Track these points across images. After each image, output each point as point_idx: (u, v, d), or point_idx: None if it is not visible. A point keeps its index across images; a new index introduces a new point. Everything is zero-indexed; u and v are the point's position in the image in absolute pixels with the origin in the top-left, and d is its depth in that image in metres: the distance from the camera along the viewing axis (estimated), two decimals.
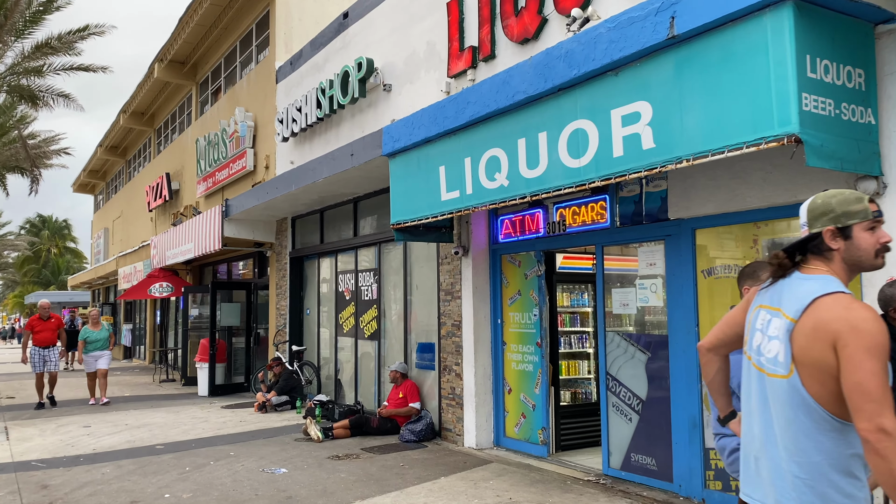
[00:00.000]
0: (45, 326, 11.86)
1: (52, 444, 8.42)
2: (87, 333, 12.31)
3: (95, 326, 12.39)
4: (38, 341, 11.83)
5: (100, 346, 12.31)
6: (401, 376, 8.63)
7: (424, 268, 8.75)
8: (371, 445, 7.86)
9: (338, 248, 10.92)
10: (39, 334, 11.85)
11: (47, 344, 11.89)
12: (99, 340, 12.33)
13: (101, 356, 12.36)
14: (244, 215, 12.27)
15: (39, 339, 11.84)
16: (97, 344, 12.30)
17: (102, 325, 12.47)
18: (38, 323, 11.90)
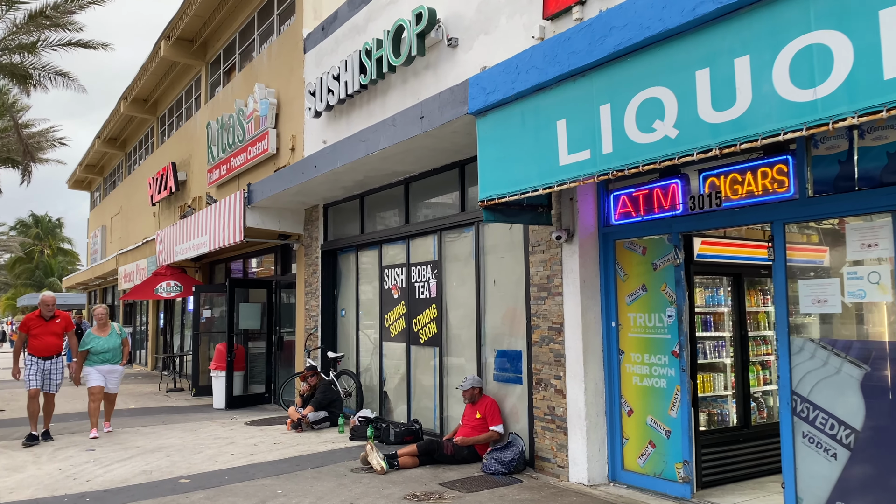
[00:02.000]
0: (46, 329, 8.71)
1: (48, 475, 6.81)
2: (93, 340, 9.09)
3: (103, 330, 9.18)
4: (36, 348, 8.68)
5: (109, 359, 9.16)
6: (478, 392, 7.07)
7: (506, 258, 7.18)
8: (450, 479, 6.28)
9: (383, 238, 9.35)
10: (39, 339, 8.68)
11: (50, 353, 8.73)
12: (108, 351, 9.12)
13: (111, 373, 9.19)
14: (270, 202, 10.69)
15: (39, 346, 8.67)
16: (106, 356, 9.11)
17: (112, 329, 9.27)
18: (37, 324, 8.72)
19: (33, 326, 8.74)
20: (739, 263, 6.25)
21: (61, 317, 8.97)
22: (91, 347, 9.07)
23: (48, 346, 8.76)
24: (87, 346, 9.07)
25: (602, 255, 6.24)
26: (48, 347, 8.77)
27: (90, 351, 9.05)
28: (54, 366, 8.84)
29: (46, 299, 8.89)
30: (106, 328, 9.26)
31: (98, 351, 9.07)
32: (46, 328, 8.76)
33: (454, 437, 7.07)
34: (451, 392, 8.00)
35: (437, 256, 8.25)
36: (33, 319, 8.76)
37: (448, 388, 8.05)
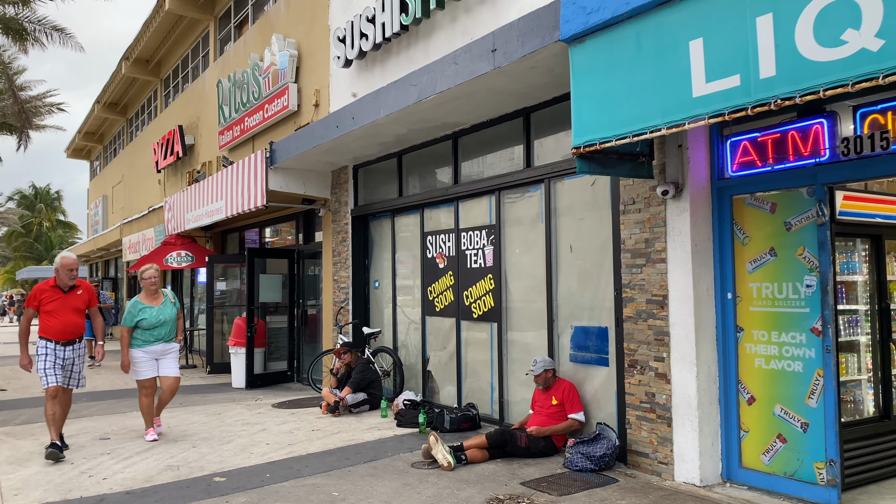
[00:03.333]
0: (65, 303, 6.44)
1: (59, 471, 5.88)
2: (143, 311, 6.96)
3: (154, 298, 7.10)
4: (52, 330, 6.37)
5: (163, 335, 7.06)
6: (552, 375, 6.12)
7: (587, 220, 6.17)
8: (530, 477, 5.36)
9: (426, 201, 8.32)
10: (56, 317, 6.38)
11: (71, 336, 6.46)
12: (162, 325, 7.04)
13: (165, 353, 7.10)
14: (294, 163, 9.64)
15: (56, 327, 6.37)
16: (159, 331, 7.02)
17: (165, 297, 7.24)
18: (52, 296, 6.41)
19: (47, 300, 6.39)
20: (881, 223, 5.25)
21: (83, 287, 6.64)
22: (142, 321, 6.94)
23: (69, 326, 6.43)
24: (136, 319, 6.94)
25: (716, 213, 5.23)
26: (69, 328, 6.43)
27: (138, 326, 6.96)
28: (77, 353, 6.54)
29: (67, 262, 6.47)
30: (158, 296, 7.13)
31: (150, 325, 6.95)
32: (66, 302, 6.44)
33: (525, 427, 6.13)
34: (512, 373, 7.06)
35: (495, 220, 7.24)
36: (47, 291, 6.44)
37: (508, 368, 7.10)
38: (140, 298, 7.09)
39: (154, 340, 7.00)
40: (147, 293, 7.11)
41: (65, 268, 6.49)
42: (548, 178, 6.51)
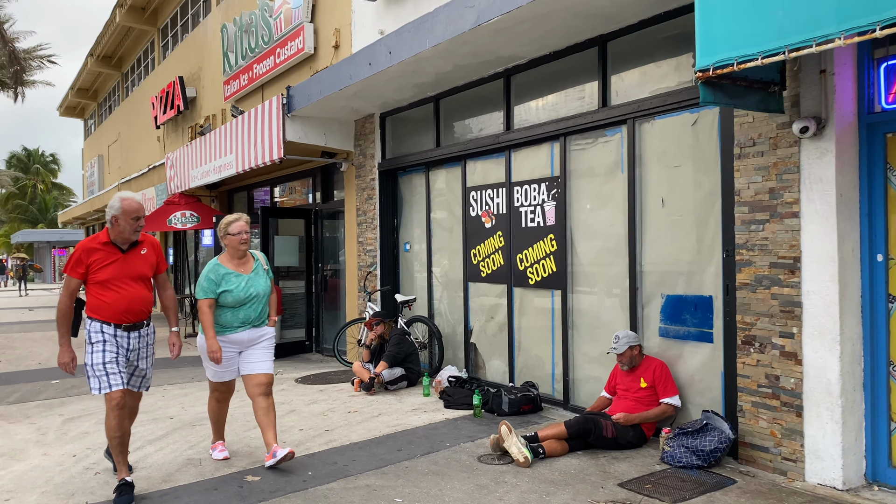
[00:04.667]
0: (126, 267, 4.32)
1: (59, 464, 4.97)
2: (227, 279, 4.74)
3: (242, 263, 4.87)
4: (107, 307, 4.26)
5: (254, 317, 4.83)
6: (638, 353, 5.19)
7: (684, 167, 5.16)
8: (626, 476, 4.45)
9: (469, 151, 7.29)
10: (112, 288, 4.28)
11: (135, 315, 4.36)
12: (253, 300, 4.80)
13: (255, 342, 4.89)
14: (315, 109, 8.58)
15: (113, 303, 4.27)
16: (249, 310, 4.80)
17: (256, 261, 4.97)
18: (105, 257, 4.28)
19: (98, 264, 4.23)
20: None
21: (149, 244, 4.48)
22: (224, 295, 4.68)
23: (134, 302, 4.30)
24: (218, 290, 4.68)
25: (864, 156, 4.23)
26: (134, 305, 4.30)
27: (219, 303, 4.72)
28: (145, 341, 4.45)
29: (130, 205, 4.22)
30: (247, 260, 4.89)
31: (236, 301, 4.69)
32: (126, 266, 4.29)
33: (606, 413, 5.22)
34: (579, 348, 6.13)
35: (559, 171, 6.23)
36: (98, 251, 4.25)
37: (574, 342, 6.17)
38: (222, 261, 4.80)
39: (240, 325, 4.74)
40: (232, 254, 4.83)
41: (127, 215, 4.18)
42: (631, 119, 5.48)
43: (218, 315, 4.77)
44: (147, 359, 4.53)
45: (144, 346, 4.46)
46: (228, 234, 4.83)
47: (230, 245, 4.84)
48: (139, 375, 4.53)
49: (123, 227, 4.25)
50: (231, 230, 4.82)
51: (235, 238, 4.81)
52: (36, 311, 20.60)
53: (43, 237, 46.78)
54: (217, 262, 4.82)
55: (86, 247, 4.27)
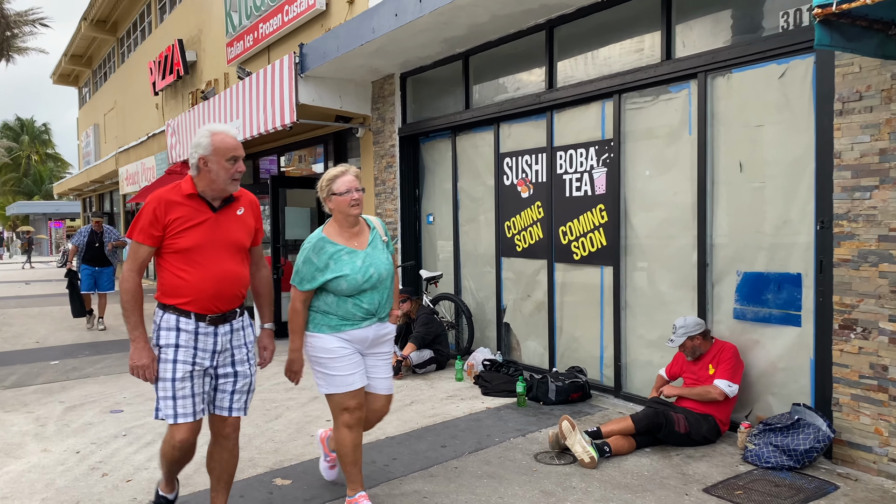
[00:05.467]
0: (215, 231, 3.03)
1: (60, 463, 4.41)
2: (338, 258, 3.31)
3: (355, 234, 3.41)
4: (189, 288, 2.98)
5: (376, 307, 3.40)
6: (700, 341, 4.61)
7: (769, 126, 4.52)
8: (711, 480, 3.90)
9: (503, 113, 6.64)
10: (197, 261, 2.99)
11: (227, 301, 3.08)
12: (378, 285, 3.39)
13: (378, 343, 3.50)
14: (331, 69, 7.90)
15: (198, 283, 2.99)
16: (373, 298, 3.38)
17: (373, 231, 3.48)
18: (188, 215, 2.98)
19: (181, 224, 2.98)
20: None
21: (246, 202, 3.20)
22: (336, 280, 3.30)
23: (226, 281, 3.05)
24: (324, 277, 3.31)
25: None
26: (226, 286, 3.06)
27: (327, 289, 3.35)
28: (238, 339, 3.16)
29: (225, 143, 2.98)
30: (361, 229, 3.46)
31: (353, 288, 3.32)
32: (218, 230, 3.06)
33: (671, 401, 4.65)
34: (633, 330, 5.55)
35: (612, 133, 5.59)
36: (182, 205, 2.99)
37: (627, 323, 5.59)
38: (328, 233, 3.37)
39: (364, 316, 3.36)
40: (341, 223, 3.37)
41: (221, 155, 2.96)
42: (702, 73, 4.83)
43: (332, 304, 3.31)
44: (245, 363, 3.15)
45: (239, 344, 3.14)
46: (333, 193, 3.30)
47: (337, 210, 3.34)
48: (231, 390, 3.12)
49: (216, 174, 2.96)
50: (336, 188, 3.29)
51: (344, 199, 3.28)
52: (33, 284, 20.00)
53: (39, 209, 45.99)
54: (322, 235, 3.34)
55: (164, 198, 2.95)
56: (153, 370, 2.99)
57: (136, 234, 2.97)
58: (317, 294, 3.37)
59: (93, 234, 10.20)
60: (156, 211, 2.95)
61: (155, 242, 2.97)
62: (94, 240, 10.18)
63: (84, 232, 10.22)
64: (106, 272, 10.30)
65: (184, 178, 3.11)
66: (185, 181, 3.03)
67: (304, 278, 3.32)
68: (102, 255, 10.25)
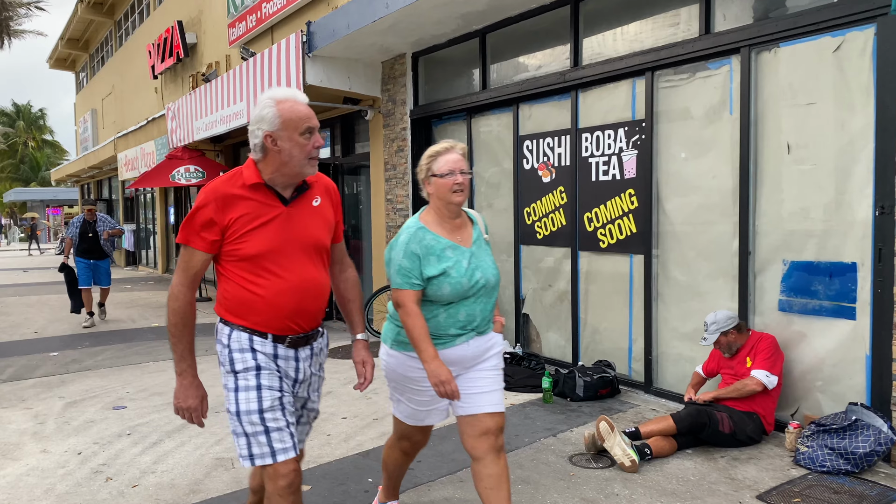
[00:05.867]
0: (289, 228, 2.36)
1: (60, 465, 4.12)
2: (441, 255, 2.62)
3: (457, 226, 2.72)
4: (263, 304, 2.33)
5: (483, 318, 2.71)
6: (734, 336, 4.32)
7: (821, 105, 4.20)
8: (763, 486, 3.62)
9: (523, 93, 6.31)
10: (270, 269, 2.32)
11: (309, 318, 2.44)
12: (484, 290, 2.69)
13: (481, 358, 2.76)
14: (340, 48, 7.55)
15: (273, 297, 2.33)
16: (475, 307, 2.68)
17: (474, 224, 2.81)
18: (256, 211, 2.31)
19: (245, 223, 2.30)
20: None
21: (323, 188, 2.53)
22: (442, 281, 2.60)
23: (310, 294, 2.40)
24: (428, 273, 2.60)
25: None
26: (309, 300, 2.40)
27: (426, 295, 2.64)
28: (317, 364, 2.58)
29: (294, 111, 2.27)
30: (462, 223, 2.76)
31: (458, 294, 2.61)
32: (293, 227, 2.38)
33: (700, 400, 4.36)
34: (665, 321, 5.25)
35: (644, 113, 5.27)
36: (244, 199, 2.31)
37: (659, 314, 5.29)
38: (428, 223, 2.71)
39: (460, 331, 2.67)
40: (441, 212, 2.71)
41: (292, 127, 2.27)
42: (746, 47, 4.50)
43: (428, 311, 2.66)
44: (316, 392, 2.64)
45: (317, 369, 2.58)
46: (433, 175, 2.64)
47: (436, 195, 2.65)
48: (305, 421, 2.65)
49: (289, 154, 2.27)
50: (438, 167, 2.63)
51: (445, 182, 2.61)
52: (31, 272, 19.69)
53: (36, 196, 45.58)
54: (419, 224, 2.67)
55: (221, 192, 2.28)
56: (202, 412, 2.39)
57: (187, 237, 2.30)
58: (423, 303, 2.67)
59: (85, 224, 9.51)
60: (213, 208, 2.26)
61: (212, 249, 2.31)
62: (87, 230, 9.48)
63: (76, 222, 9.53)
64: (103, 265, 9.62)
65: (183, 161, 2.70)
66: (246, 168, 2.34)
67: (410, 274, 2.59)
68: (97, 246, 9.54)
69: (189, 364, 2.36)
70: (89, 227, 9.52)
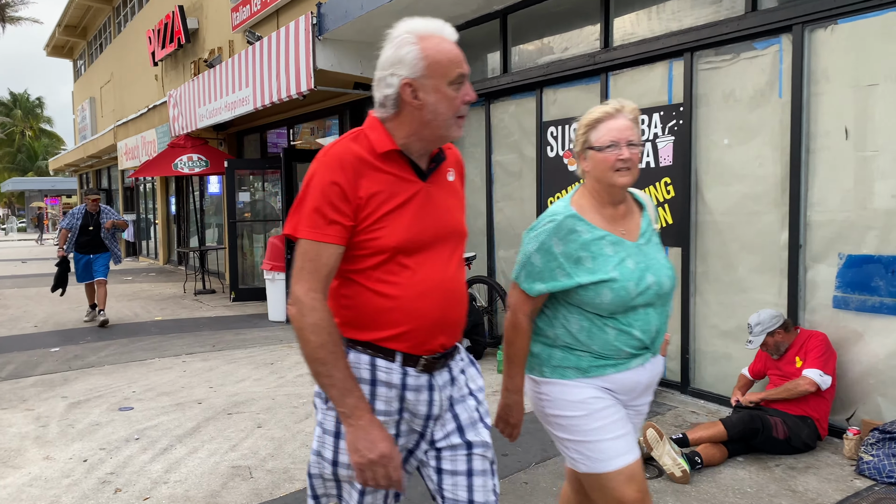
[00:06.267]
0: (430, 211, 1.73)
1: (65, 474, 3.84)
2: (592, 249, 2.00)
3: (621, 215, 2.09)
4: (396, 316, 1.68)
5: (659, 335, 2.11)
6: (781, 336, 4.04)
7: (885, 86, 3.88)
8: (829, 500, 3.34)
9: (548, 76, 5.99)
10: (411, 268, 1.69)
11: (452, 330, 1.77)
12: (659, 299, 2.06)
13: (651, 386, 2.17)
14: (352, 31, 7.23)
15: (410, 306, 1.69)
16: (648, 319, 2.05)
17: (644, 213, 2.15)
18: (393, 186, 1.68)
19: (381, 202, 1.67)
20: None
21: (453, 160, 1.88)
22: (603, 288, 1.98)
23: (454, 298, 1.76)
24: (579, 278, 1.99)
25: None
26: (453, 307, 1.76)
27: (576, 301, 2.03)
28: (457, 388, 1.83)
29: (441, 50, 1.64)
30: (630, 210, 2.12)
31: (625, 302, 1.98)
32: (434, 210, 1.74)
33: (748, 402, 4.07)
34: (704, 318, 4.96)
35: (682, 97, 4.96)
36: (378, 171, 1.68)
37: (697, 311, 5.00)
38: (580, 208, 2.07)
39: (633, 352, 2.04)
40: (600, 195, 2.08)
41: (440, 73, 1.65)
42: (798, 25, 4.19)
43: (583, 331, 2.04)
44: (479, 423, 1.83)
45: (463, 394, 1.83)
46: (590, 147, 2.05)
47: (593, 174, 2.07)
48: (466, 469, 1.80)
49: (434, 110, 1.67)
50: (596, 139, 2.04)
51: (605, 158, 2.02)
52: (30, 263, 19.39)
53: (34, 185, 45.20)
54: (570, 209, 2.05)
55: (354, 157, 1.67)
56: (399, 464, 1.65)
57: (313, 226, 1.62)
58: (550, 309, 2.10)
59: (87, 217, 8.64)
60: (345, 182, 1.62)
61: (342, 240, 1.65)
62: (88, 222, 8.62)
63: (77, 213, 8.66)
64: (101, 257, 8.74)
65: (186, 150, 2.03)
66: (371, 129, 1.70)
67: (535, 274, 2.02)
68: (98, 241, 8.70)
69: (358, 397, 1.62)
70: (91, 219, 8.69)
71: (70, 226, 8.63)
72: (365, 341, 1.71)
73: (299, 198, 1.68)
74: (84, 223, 8.64)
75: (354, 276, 1.71)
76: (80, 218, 8.65)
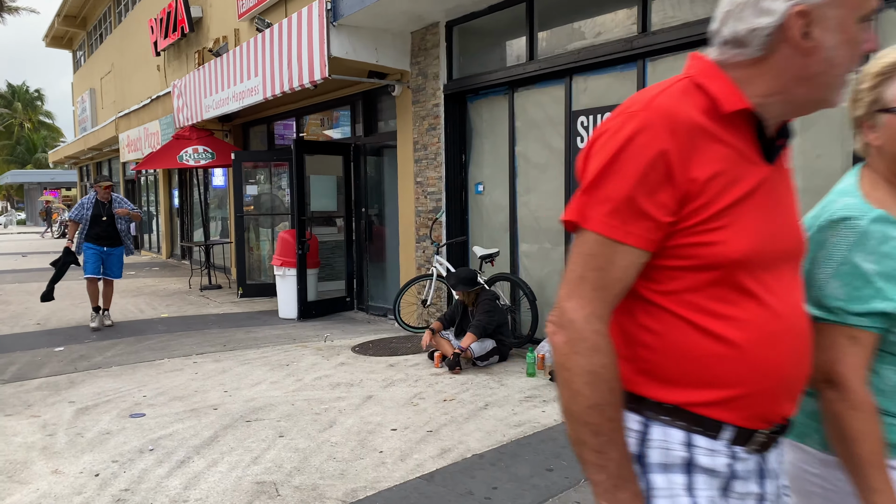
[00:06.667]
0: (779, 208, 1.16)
1: (75, 490, 3.56)
2: None
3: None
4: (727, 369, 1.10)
5: None
6: None
7: None
8: None
9: (578, 63, 5.69)
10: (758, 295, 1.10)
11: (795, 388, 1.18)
12: None
13: None
14: (367, 17, 6.92)
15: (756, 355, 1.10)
16: None
17: None
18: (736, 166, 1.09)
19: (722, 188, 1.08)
20: None
21: None
22: None
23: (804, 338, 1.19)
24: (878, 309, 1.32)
25: None
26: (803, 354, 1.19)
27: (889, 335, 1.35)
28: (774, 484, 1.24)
29: None
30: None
31: None
32: (781, 206, 1.18)
33: None
34: None
35: None
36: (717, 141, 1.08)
37: None
38: (881, 204, 1.35)
39: None
40: None
41: (853, 6, 1.07)
42: None
43: None
44: None
45: (781, 486, 1.26)
46: (887, 108, 1.35)
47: (887, 147, 1.36)
48: None
49: (829, 58, 1.09)
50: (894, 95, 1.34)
51: None
52: (30, 257, 19.09)
53: (33, 178, 44.84)
54: (871, 207, 1.33)
55: (685, 119, 1.07)
56: None
57: (608, 216, 1.08)
58: None
59: (98, 206, 7.97)
60: (671, 153, 1.06)
61: (654, 242, 1.09)
62: (100, 212, 7.94)
63: (87, 203, 7.98)
64: (115, 254, 8.09)
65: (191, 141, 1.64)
66: (710, 77, 1.13)
67: (850, 301, 1.32)
68: (113, 231, 8.03)
69: (634, 494, 1.10)
70: (103, 209, 7.98)
71: (79, 217, 7.93)
72: (672, 405, 1.12)
73: (590, 170, 1.10)
74: (96, 213, 7.96)
75: (662, 300, 1.12)
76: (91, 208, 7.96)
